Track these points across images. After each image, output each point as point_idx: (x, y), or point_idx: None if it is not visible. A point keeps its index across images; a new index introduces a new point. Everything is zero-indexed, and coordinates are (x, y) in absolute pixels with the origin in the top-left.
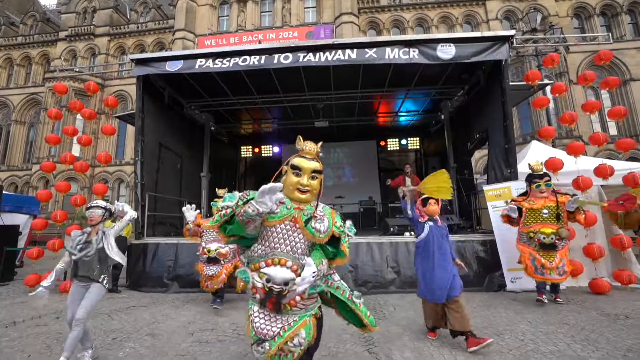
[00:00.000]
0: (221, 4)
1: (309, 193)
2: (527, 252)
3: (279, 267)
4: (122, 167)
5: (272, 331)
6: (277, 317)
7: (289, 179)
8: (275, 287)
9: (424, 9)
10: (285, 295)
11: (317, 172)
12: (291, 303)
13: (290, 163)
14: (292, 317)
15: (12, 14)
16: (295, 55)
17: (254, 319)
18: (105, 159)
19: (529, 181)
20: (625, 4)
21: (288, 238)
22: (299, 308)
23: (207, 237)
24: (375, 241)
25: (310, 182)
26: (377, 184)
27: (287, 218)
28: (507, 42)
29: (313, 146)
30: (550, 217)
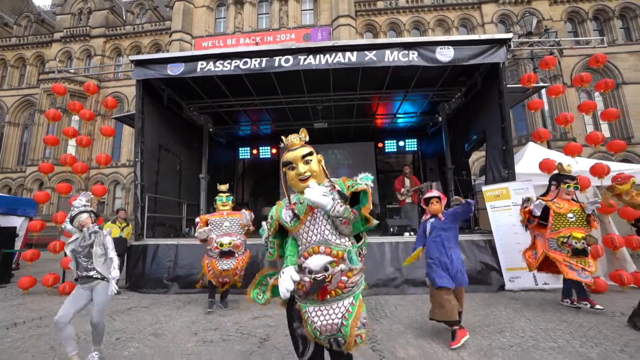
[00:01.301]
0: (218, 5)
1: (311, 178)
2: (560, 259)
3: (314, 255)
4: (118, 169)
5: (334, 323)
6: (332, 308)
7: (288, 177)
8: (318, 276)
9: (420, 12)
10: (330, 281)
11: (308, 155)
12: (339, 286)
13: (282, 162)
14: (347, 299)
15: (6, 14)
16: (296, 58)
17: (313, 319)
18: (105, 161)
19: (557, 181)
20: (617, 9)
21: (314, 229)
22: (348, 289)
23: (215, 231)
24: (376, 241)
25: (307, 167)
26: (375, 186)
27: (306, 215)
28: (504, 45)
29: (295, 137)
30: (578, 221)
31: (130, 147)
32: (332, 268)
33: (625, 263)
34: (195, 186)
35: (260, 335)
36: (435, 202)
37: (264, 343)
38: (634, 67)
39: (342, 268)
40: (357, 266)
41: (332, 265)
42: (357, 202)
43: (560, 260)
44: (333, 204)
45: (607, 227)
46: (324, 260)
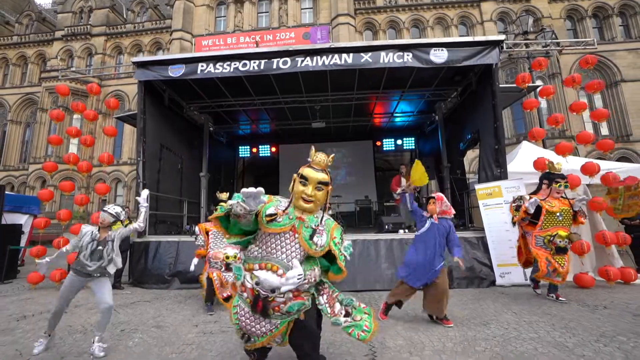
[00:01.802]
0: (218, 4)
1: (312, 203)
2: (543, 256)
3: (270, 272)
4: (120, 167)
5: (259, 332)
6: (263, 319)
7: (295, 188)
8: (262, 292)
9: (419, 10)
10: (270, 302)
11: (324, 184)
12: (275, 309)
13: (299, 173)
14: (276, 319)
15: (7, 13)
16: (294, 60)
17: (241, 317)
18: (108, 160)
19: (548, 179)
20: (616, 7)
21: (285, 246)
22: (281, 313)
23: (216, 242)
24: (371, 238)
25: (315, 193)
26: (373, 184)
27: (288, 228)
28: (497, 46)
29: (323, 158)
30: (565, 220)
31: (132, 145)
32: (279, 294)
33: (613, 259)
34: (196, 184)
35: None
36: (432, 203)
37: None
38: (632, 64)
39: (286, 297)
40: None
41: (278, 291)
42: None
43: (542, 258)
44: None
45: (597, 224)
46: (275, 283)
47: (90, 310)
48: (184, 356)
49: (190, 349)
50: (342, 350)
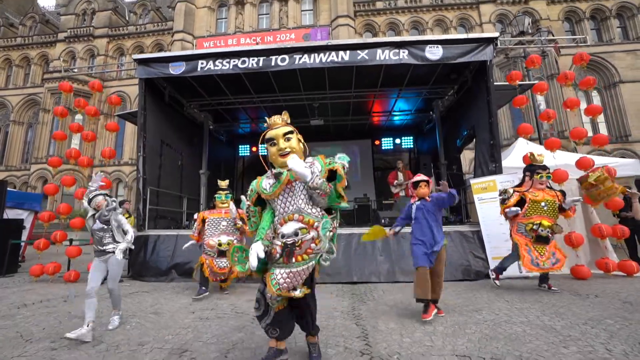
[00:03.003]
0: (219, 6)
1: (291, 153)
2: (523, 243)
3: (288, 222)
4: (121, 167)
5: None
6: (297, 270)
7: (270, 152)
8: (289, 240)
9: (419, 12)
10: (300, 246)
11: (289, 133)
12: (307, 251)
13: (264, 139)
14: (310, 263)
15: (11, 15)
16: (292, 57)
17: (279, 280)
18: (109, 155)
19: (530, 171)
20: (613, 9)
21: (289, 200)
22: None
23: (212, 230)
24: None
25: (288, 144)
26: (371, 182)
27: (285, 182)
28: (491, 43)
29: (277, 117)
30: (549, 211)
31: (133, 145)
32: (303, 234)
33: (607, 252)
34: (196, 181)
35: (253, 314)
36: (423, 186)
37: (256, 320)
38: (630, 65)
39: (312, 235)
40: (324, 235)
41: (302, 232)
42: (334, 179)
43: (522, 244)
44: (312, 177)
45: (590, 218)
46: (296, 226)
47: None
48: (180, 338)
49: (186, 332)
50: (335, 332)
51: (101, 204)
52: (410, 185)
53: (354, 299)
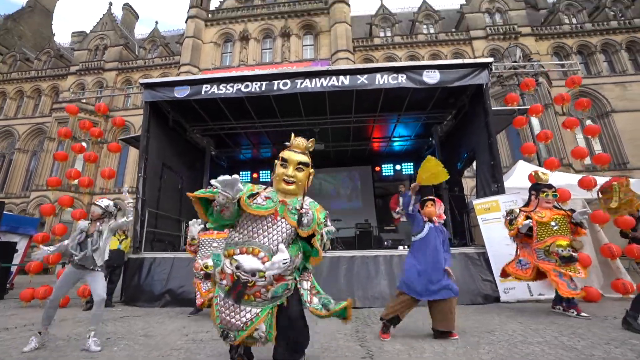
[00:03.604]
0: (225, 41)
1: (294, 185)
2: (550, 269)
3: (250, 256)
4: (120, 196)
5: (236, 324)
6: (241, 308)
7: (276, 171)
8: (243, 276)
9: (414, 47)
10: (250, 287)
11: (304, 165)
12: (256, 294)
13: (279, 156)
14: (256, 308)
15: (29, 50)
16: (293, 82)
17: (220, 307)
18: (109, 175)
19: (535, 190)
20: (598, 44)
21: (267, 230)
22: (262, 299)
23: (203, 251)
24: (370, 254)
25: (296, 174)
26: (372, 208)
27: (272, 211)
28: (486, 68)
29: (302, 141)
30: (561, 229)
31: (134, 174)
32: (260, 277)
33: (620, 274)
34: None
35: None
36: (430, 205)
37: None
38: (620, 96)
39: (268, 281)
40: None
41: (259, 275)
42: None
43: (550, 270)
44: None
45: (599, 237)
46: (256, 266)
47: (77, 323)
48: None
49: (177, 353)
50: (338, 353)
51: (95, 214)
52: (419, 206)
53: (357, 322)
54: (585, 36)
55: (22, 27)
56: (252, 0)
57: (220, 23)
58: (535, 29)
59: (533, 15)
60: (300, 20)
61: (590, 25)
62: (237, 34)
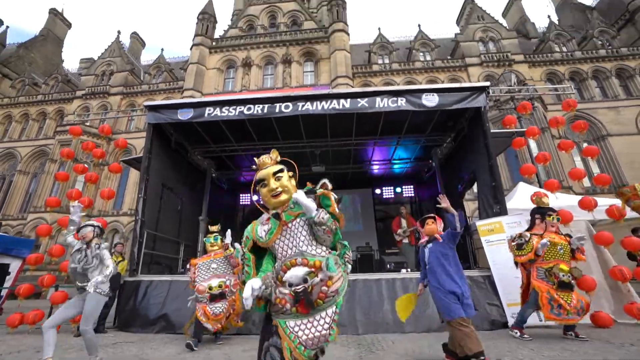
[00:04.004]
0: (228, 67)
1: (282, 193)
2: (545, 290)
3: (292, 268)
4: (119, 218)
5: (322, 335)
6: (317, 319)
7: (262, 194)
8: (298, 288)
9: (412, 74)
10: (311, 292)
11: (279, 172)
12: (320, 296)
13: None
14: (330, 309)
15: (37, 76)
16: (295, 104)
17: (297, 333)
18: (108, 195)
19: (540, 213)
20: (589, 71)
21: (287, 243)
22: (329, 298)
23: (203, 275)
24: (372, 278)
25: (278, 183)
26: (373, 231)
27: (279, 229)
28: (483, 91)
29: (265, 157)
30: (565, 255)
31: (134, 195)
32: (311, 279)
33: (632, 297)
34: (195, 228)
35: None
36: (430, 222)
37: None
38: (614, 120)
39: (321, 278)
40: (335, 273)
41: (310, 276)
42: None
43: (543, 292)
44: (318, 211)
45: (606, 260)
46: (302, 272)
47: (66, 350)
48: None
49: None
50: None
51: (87, 236)
52: (419, 225)
53: (360, 349)
54: (576, 63)
55: (34, 54)
56: (255, 30)
57: (223, 50)
58: (527, 57)
59: (525, 44)
60: (301, 48)
61: (580, 53)
62: (240, 60)
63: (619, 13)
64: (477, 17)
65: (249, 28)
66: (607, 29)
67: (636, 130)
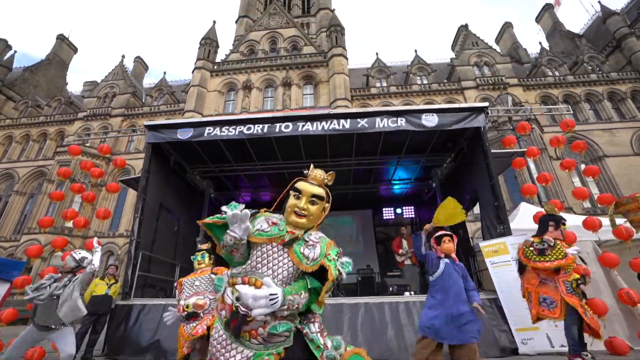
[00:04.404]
0: (229, 90)
1: (306, 218)
2: (578, 304)
3: (252, 288)
4: (115, 239)
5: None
6: (235, 347)
7: (288, 201)
8: (242, 309)
9: (409, 96)
10: (248, 322)
11: (318, 198)
12: (252, 333)
13: (292, 185)
14: (250, 350)
15: (41, 98)
16: (295, 125)
17: (213, 341)
18: (104, 215)
19: (555, 221)
20: (582, 94)
21: (272, 261)
22: (257, 341)
23: (186, 293)
24: (374, 302)
25: (309, 207)
26: (374, 253)
27: (276, 239)
28: (482, 112)
29: (320, 173)
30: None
31: (130, 217)
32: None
33: None
34: (191, 250)
35: None
36: (447, 241)
37: None
38: (609, 142)
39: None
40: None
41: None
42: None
43: (578, 306)
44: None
45: (615, 282)
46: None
47: None
48: None
49: None
50: None
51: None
52: (433, 241)
53: None
54: (569, 87)
55: (39, 77)
56: (256, 54)
57: (225, 73)
58: (521, 80)
59: (518, 69)
60: (300, 71)
61: (572, 77)
62: (241, 83)
63: (606, 40)
64: (472, 43)
65: (250, 52)
66: (596, 55)
67: (632, 151)
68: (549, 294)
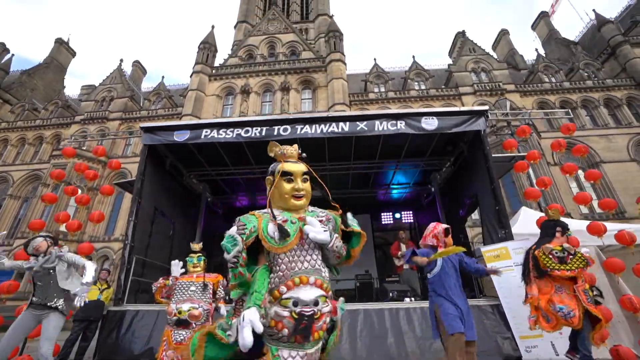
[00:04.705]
0: (227, 94)
1: (304, 198)
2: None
3: (302, 286)
4: (110, 244)
5: None
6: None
7: (282, 188)
8: (306, 310)
9: (407, 102)
10: (317, 319)
11: (307, 174)
12: (323, 327)
13: (279, 171)
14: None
15: (38, 101)
16: (294, 127)
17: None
18: (98, 218)
19: (562, 227)
20: (578, 101)
21: (302, 255)
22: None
23: (179, 296)
24: (374, 308)
25: (305, 185)
26: (373, 258)
27: (298, 236)
28: (482, 115)
29: (294, 148)
30: None
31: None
32: (322, 303)
33: None
34: (187, 255)
35: None
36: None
37: None
38: (606, 148)
39: (330, 308)
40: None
41: (322, 300)
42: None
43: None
44: (332, 239)
45: (619, 288)
46: (316, 294)
47: None
48: None
49: None
50: None
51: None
52: (442, 233)
53: None
54: (566, 93)
55: (36, 81)
56: (255, 59)
57: (223, 78)
58: (518, 86)
59: (515, 75)
60: (299, 76)
61: (569, 84)
62: (239, 87)
63: (601, 48)
64: (469, 50)
65: (248, 57)
66: (592, 62)
67: (628, 157)
68: (565, 303)
